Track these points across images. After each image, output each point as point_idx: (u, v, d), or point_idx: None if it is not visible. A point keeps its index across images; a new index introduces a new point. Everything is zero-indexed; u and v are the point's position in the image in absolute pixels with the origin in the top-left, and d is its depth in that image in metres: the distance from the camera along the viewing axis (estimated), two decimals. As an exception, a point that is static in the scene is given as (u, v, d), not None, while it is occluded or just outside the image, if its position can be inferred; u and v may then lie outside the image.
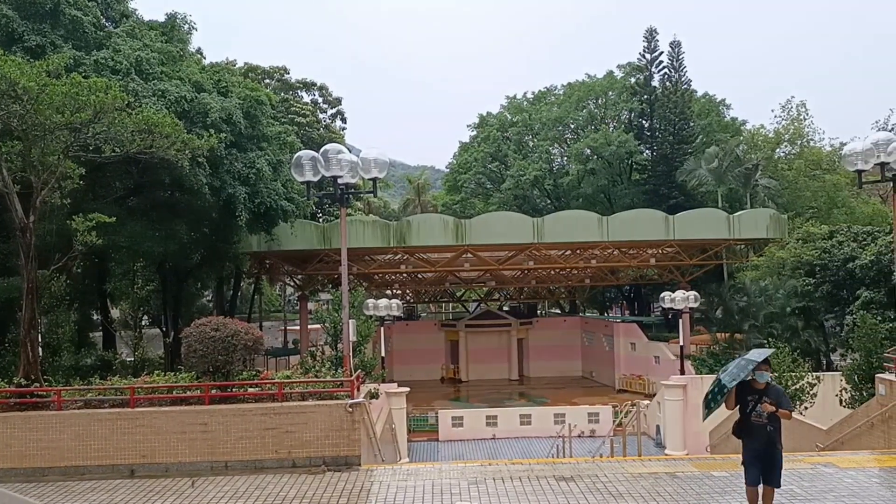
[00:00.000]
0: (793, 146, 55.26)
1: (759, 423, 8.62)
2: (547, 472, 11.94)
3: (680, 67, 55.57)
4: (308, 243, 37.41)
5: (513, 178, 58.47)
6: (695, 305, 32.37)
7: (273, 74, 55.76)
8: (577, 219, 40.02)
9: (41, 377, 14.50)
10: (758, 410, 8.58)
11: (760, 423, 8.61)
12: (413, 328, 57.96)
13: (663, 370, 39.65)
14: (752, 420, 8.65)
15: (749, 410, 8.66)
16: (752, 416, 8.65)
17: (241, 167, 26.06)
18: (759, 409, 8.57)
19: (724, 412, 24.71)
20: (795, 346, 29.15)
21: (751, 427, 8.69)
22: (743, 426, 8.81)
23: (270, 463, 12.73)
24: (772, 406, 8.52)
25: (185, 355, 14.08)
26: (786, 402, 8.82)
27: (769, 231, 39.80)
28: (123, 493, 11.53)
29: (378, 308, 30.77)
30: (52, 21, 22.72)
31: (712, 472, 11.81)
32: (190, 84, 24.71)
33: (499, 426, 35.47)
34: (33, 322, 14.41)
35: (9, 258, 20.94)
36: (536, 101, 66.17)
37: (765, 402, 8.52)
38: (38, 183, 14.34)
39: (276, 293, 74.84)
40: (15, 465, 12.69)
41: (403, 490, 11.17)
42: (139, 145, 15.81)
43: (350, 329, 15.75)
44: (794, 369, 22.16)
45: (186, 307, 37.03)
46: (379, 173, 14.34)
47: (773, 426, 8.62)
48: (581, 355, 56.13)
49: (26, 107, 13.94)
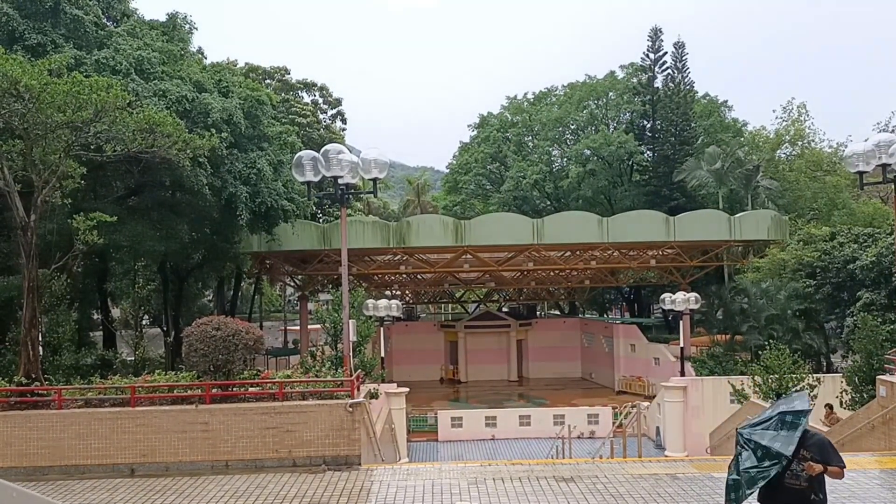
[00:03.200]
0: (793, 147, 55.29)
1: (796, 488, 6.23)
2: (547, 473, 11.94)
3: (683, 68, 55.50)
4: (308, 243, 37.43)
5: (512, 180, 58.46)
6: (695, 307, 32.36)
7: (274, 75, 55.75)
8: (576, 220, 40.00)
9: (42, 376, 14.52)
10: (794, 470, 6.19)
11: (797, 486, 6.22)
12: (412, 329, 57.95)
13: (663, 372, 39.65)
14: (787, 483, 6.22)
15: (782, 471, 6.20)
16: (786, 479, 6.20)
17: (242, 167, 26.07)
18: (796, 469, 6.19)
19: (724, 412, 24.65)
20: (796, 348, 29.20)
21: (784, 492, 6.25)
22: (773, 492, 6.28)
23: (271, 462, 12.74)
24: (818, 466, 6.17)
25: (186, 354, 14.10)
26: (835, 455, 6.33)
27: (770, 232, 39.79)
28: (124, 492, 11.53)
29: (378, 308, 30.77)
30: (53, 20, 22.72)
31: (713, 473, 11.80)
32: (191, 84, 24.71)
33: (498, 427, 35.48)
34: (34, 321, 14.42)
35: (9, 257, 20.96)
36: (537, 101, 66.10)
37: (804, 456, 6.17)
38: (39, 182, 14.35)
39: (276, 293, 74.84)
40: (16, 464, 12.70)
41: (403, 489, 11.17)
42: (140, 145, 15.83)
43: (350, 329, 15.76)
44: (794, 371, 22.16)
45: (187, 307, 37.07)
46: (379, 174, 14.36)
47: (816, 494, 6.26)
48: (580, 356, 56.14)
49: (28, 105, 13.96)
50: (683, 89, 55.07)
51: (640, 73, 59.25)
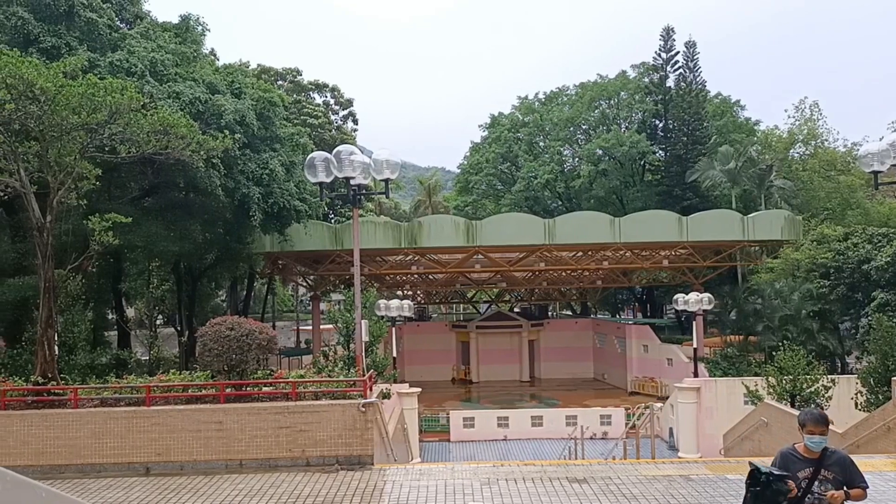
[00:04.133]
0: (807, 147, 54.88)
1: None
2: (559, 474, 11.92)
3: (695, 67, 55.28)
4: (320, 244, 37.59)
5: (524, 180, 58.39)
6: (708, 307, 32.21)
7: (286, 76, 56.00)
8: (588, 220, 39.92)
9: (58, 376, 14.64)
10: (816, 494, 5.61)
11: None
12: (424, 329, 58.03)
13: (676, 372, 39.50)
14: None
15: (801, 495, 5.59)
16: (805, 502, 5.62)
17: (255, 168, 26.20)
18: (817, 493, 5.61)
19: (738, 413, 24.50)
20: (811, 349, 28.98)
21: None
22: None
23: (284, 462, 12.79)
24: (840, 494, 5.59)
25: (201, 354, 14.20)
26: (858, 474, 5.74)
27: (784, 232, 39.54)
28: (139, 491, 11.61)
29: (390, 309, 30.84)
30: (68, 23, 22.92)
31: (726, 475, 11.75)
32: (204, 85, 24.86)
33: (510, 427, 35.47)
34: (50, 321, 14.54)
35: (25, 257, 21.14)
36: (548, 101, 66.00)
37: (825, 476, 5.63)
38: (54, 183, 14.47)
39: (288, 293, 75.13)
40: (32, 463, 12.80)
41: (416, 489, 11.19)
42: (155, 146, 15.93)
43: (363, 329, 15.80)
44: (809, 372, 22.00)
45: (200, 307, 37.26)
46: (391, 174, 14.38)
47: None
48: (593, 357, 56.01)
49: (43, 108, 14.08)
50: (695, 88, 54.83)
51: (652, 73, 59.06)
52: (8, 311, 21.46)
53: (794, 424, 6.64)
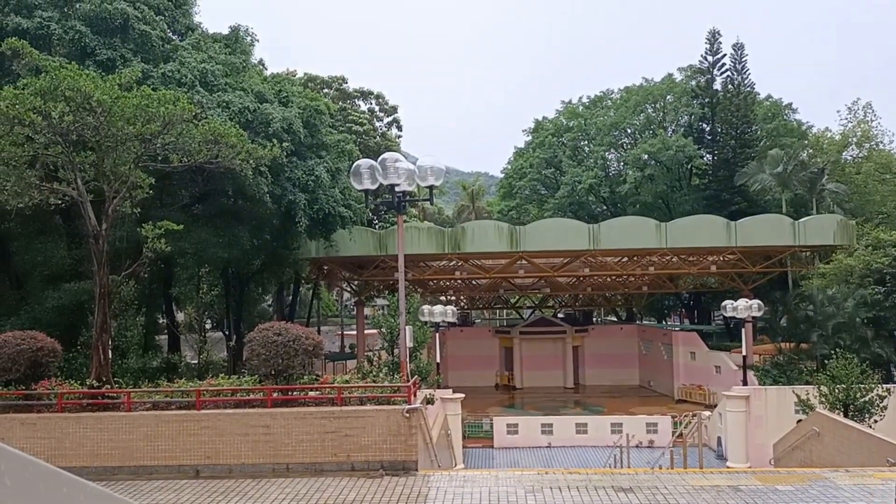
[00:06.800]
0: (860, 149, 53.37)
1: None
2: (605, 483, 11.80)
3: (743, 70, 54.28)
4: (365, 249, 37.90)
5: (568, 185, 58.01)
6: (758, 314, 31.51)
7: (331, 84, 56.74)
8: (633, 225, 39.44)
9: (112, 379, 15.07)
10: None
11: None
12: (467, 334, 57.98)
13: (725, 380, 38.71)
14: None
15: None
16: None
17: (301, 174, 26.61)
18: None
19: (789, 423, 23.98)
20: (864, 357, 28.10)
21: None
22: None
23: (330, 466, 12.93)
24: None
25: (248, 358, 14.44)
26: None
27: (836, 237, 38.50)
28: (189, 493, 11.87)
29: (433, 314, 30.92)
30: (122, 35, 23.63)
31: (777, 486, 11.49)
32: (252, 95, 25.36)
33: (554, 434, 35.18)
34: (105, 326, 14.99)
35: (81, 263, 21.84)
36: (592, 105, 65.49)
37: None
38: (109, 192, 14.94)
39: (333, 298, 75.89)
40: (87, 464, 13.18)
41: (461, 497, 11.19)
42: (206, 155, 16.32)
43: (407, 335, 15.89)
44: (863, 381, 21.38)
45: (248, 311, 37.89)
46: (435, 181, 14.47)
47: None
48: (638, 364, 55.25)
49: (100, 119, 14.56)
50: (743, 91, 53.82)
51: (699, 76, 58.13)
52: (65, 315, 22.17)
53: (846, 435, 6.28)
